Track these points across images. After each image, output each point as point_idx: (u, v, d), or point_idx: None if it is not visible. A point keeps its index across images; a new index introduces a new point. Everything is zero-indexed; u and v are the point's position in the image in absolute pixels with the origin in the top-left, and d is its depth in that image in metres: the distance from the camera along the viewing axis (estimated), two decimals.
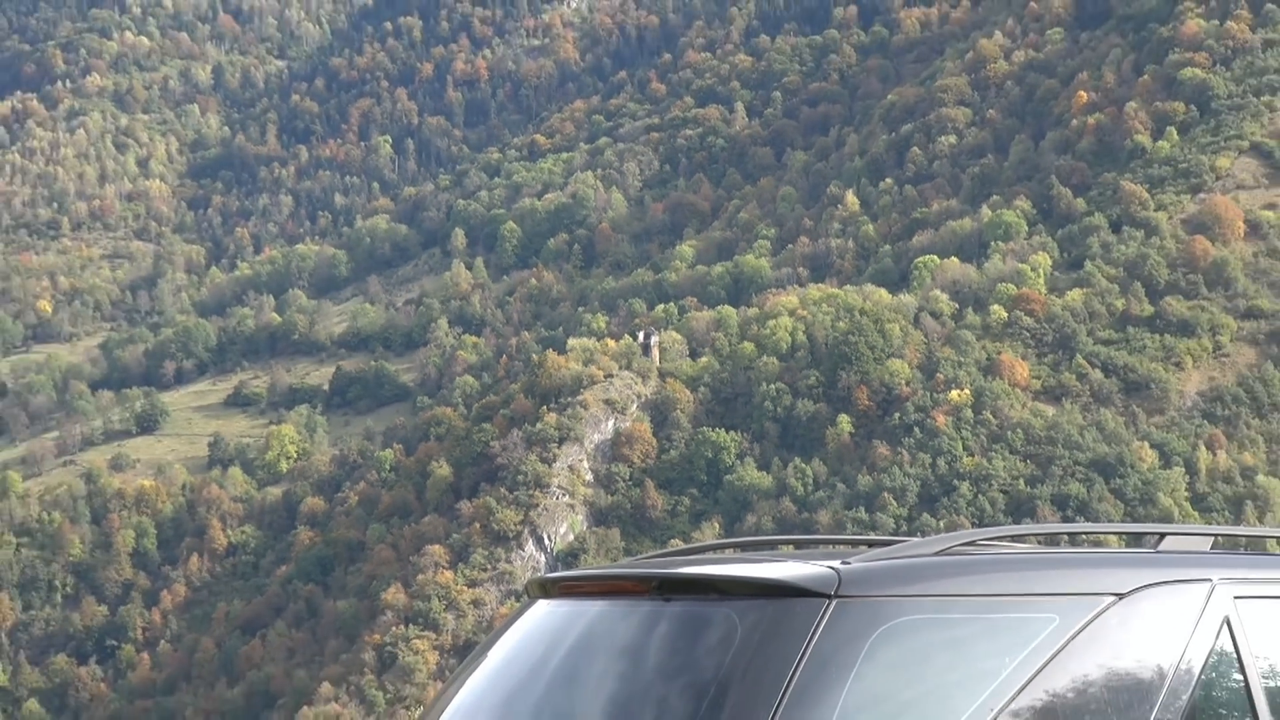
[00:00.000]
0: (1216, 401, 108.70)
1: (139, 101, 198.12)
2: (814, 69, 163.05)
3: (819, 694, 4.42)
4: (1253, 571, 4.97)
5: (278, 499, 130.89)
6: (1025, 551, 5.12)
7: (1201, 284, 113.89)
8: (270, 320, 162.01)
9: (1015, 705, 4.50)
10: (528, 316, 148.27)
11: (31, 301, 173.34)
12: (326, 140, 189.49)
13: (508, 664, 5.11)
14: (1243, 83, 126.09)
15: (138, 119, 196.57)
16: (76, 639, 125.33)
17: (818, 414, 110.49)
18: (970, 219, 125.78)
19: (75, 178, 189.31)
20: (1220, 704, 4.78)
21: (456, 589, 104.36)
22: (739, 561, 5.02)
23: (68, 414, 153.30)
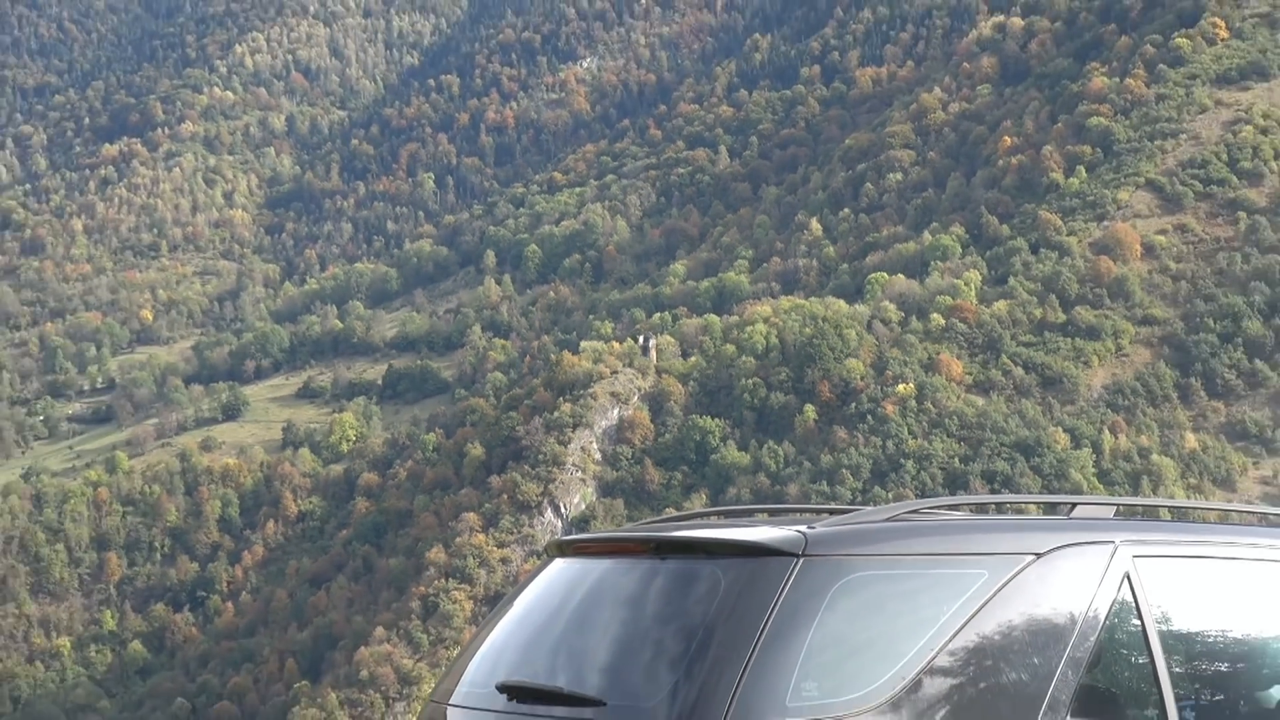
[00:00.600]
0: (1118, 393, 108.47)
1: (225, 145, 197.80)
2: (784, 118, 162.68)
3: (789, 636, 4.43)
4: (1149, 535, 4.98)
5: (339, 475, 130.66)
6: (960, 518, 5.11)
7: (1105, 296, 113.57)
8: (333, 326, 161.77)
9: (952, 646, 4.51)
10: (547, 323, 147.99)
11: (136, 310, 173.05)
12: (380, 177, 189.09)
13: (530, 611, 5.12)
14: (1139, 129, 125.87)
15: (224, 159, 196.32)
16: (172, 590, 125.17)
17: (787, 404, 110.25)
18: (914, 242, 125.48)
19: (172, 208, 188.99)
20: (1122, 644, 4.78)
21: (488, 549, 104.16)
22: (723, 526, 5.02)
23: (166, 404, 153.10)
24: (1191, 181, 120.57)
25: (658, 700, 4.46)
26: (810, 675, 4.42)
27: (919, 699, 4.46)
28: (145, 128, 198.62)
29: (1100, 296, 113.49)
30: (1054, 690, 4.58)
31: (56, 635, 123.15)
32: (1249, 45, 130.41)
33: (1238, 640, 5.04)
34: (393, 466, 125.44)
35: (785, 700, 4.38)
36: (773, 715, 4.36)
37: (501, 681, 4.93)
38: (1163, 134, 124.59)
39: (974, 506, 5.29)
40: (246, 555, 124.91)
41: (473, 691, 5.04)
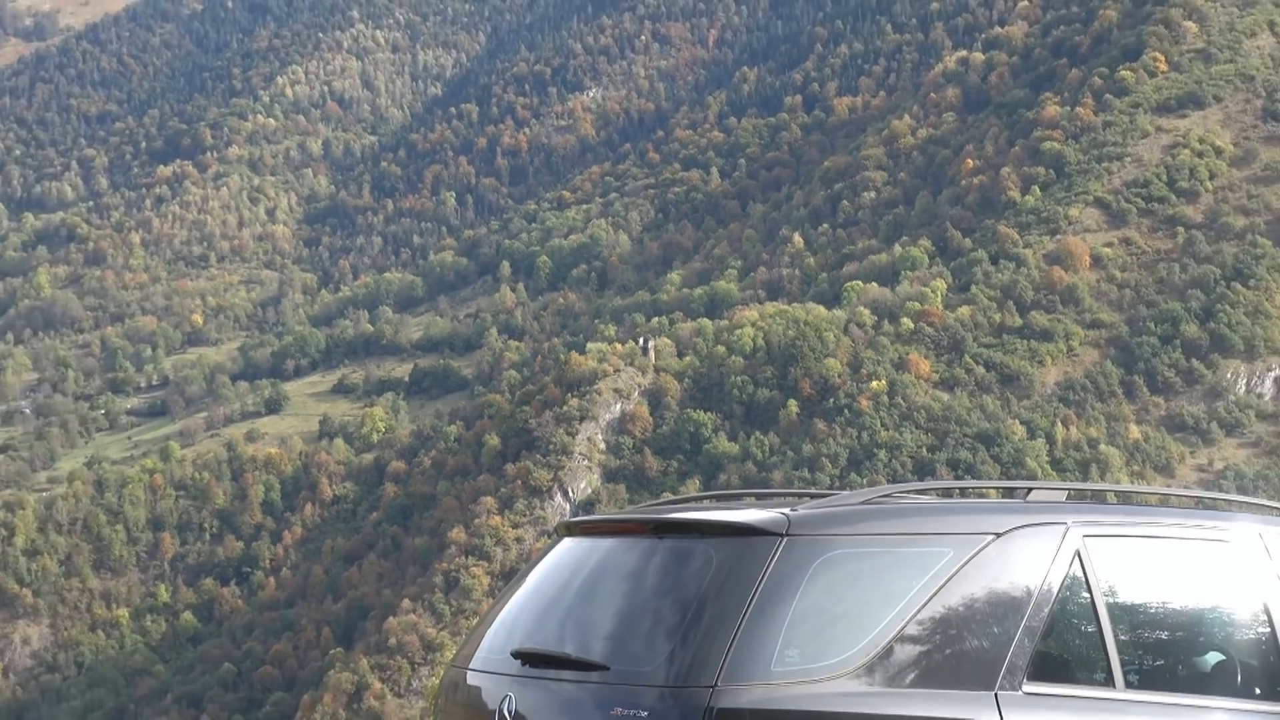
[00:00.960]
0: (1069, 390, 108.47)
1: (267, 166, 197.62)
2: (769, 142, 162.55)
3: (774, 607, 4.45)
4: (1097, 517, 4.99)
5: (370, 463, 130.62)
6: (927, 502, 5.11)
7: (1058, 302, 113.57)
8: (365, 329, 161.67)
9: (920, 616, 4.53)
10: (556, 326, 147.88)
11: (187, 315, 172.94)
12: (407, 195, 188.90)
13: (541, 585, 5.14)
14: (1088, 153, 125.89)
15: (266, 179, 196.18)
16: (220, 567, 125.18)
17: (772, 399, 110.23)
18: (885, 254, 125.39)
19: (220, 223, 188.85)
20: (1073, 615, 4.79)
21: (503, 529, 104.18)
22: (714, 509, 5.02)
23: (214, 399, 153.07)
24: (1135, 199, 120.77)
25: (656, 665, 4.47)
26: (793, 642, 4.44)
27: (890, 664, 4.47)
28: (196, 151, 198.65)
29: (1053, 302, 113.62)
30: (1012, 656, 4.59)
31: (116, 607, 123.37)
32: (1186, 77, 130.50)
33: (1176, 611, 5.07)
34: (418, 455, 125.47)
35: (770, 665, 4.40)
36: (759, 678, 4.38)
37: (516, 648, 4.95)
38: (1109, 157, 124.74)
39: (940, 491, 5.31)
40: (287, 535, 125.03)
41: (490, 657, 5.05)
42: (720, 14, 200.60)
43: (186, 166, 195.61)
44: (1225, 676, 4.96)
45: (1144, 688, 4.77)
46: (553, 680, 4.73)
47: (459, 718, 5.08)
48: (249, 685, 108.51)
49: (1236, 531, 5.13)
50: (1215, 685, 4.92)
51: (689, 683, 4.35)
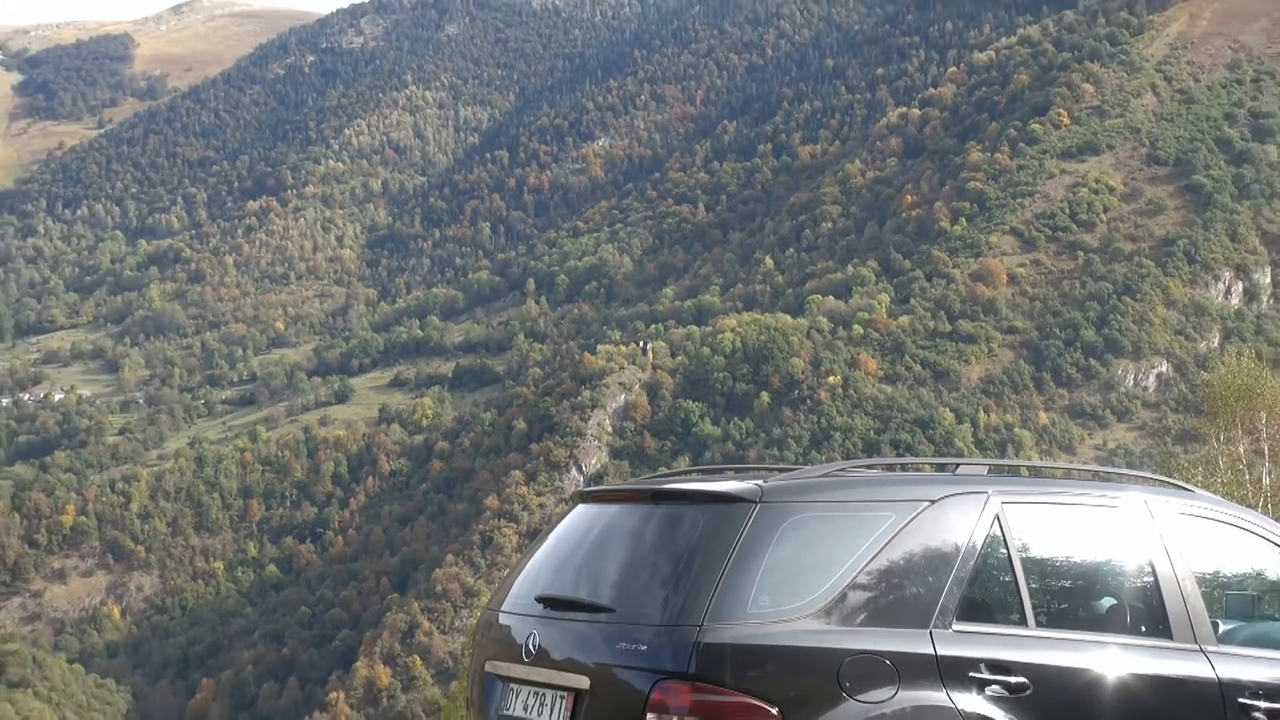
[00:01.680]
0: (989, 383, 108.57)
1: (337, 202, 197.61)
2: (745, 182, 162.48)
3: (749, 561, 4.45)
4: (1013, 486, 5.00)
5: (420, 443, 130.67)
6: (874, 474, 5.12)
7: (980, 312, 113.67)
8: (416, 334, 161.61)
9: (869, 568, 4.54)
10: (571, 332, 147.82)
11: (271, 322, 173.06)
12: (450, 225, 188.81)
13: (559, 543, 5.13)
14: (1005, 191, 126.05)
15: (336, 212, 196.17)
16: (297, 527, 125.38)
17: (748, 391, 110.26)
18: (840, 273, 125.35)
19: (298, 248, 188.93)
20: (993, 567, 4.79)
21: (529, 497, 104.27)
22: (701, 481, 5.03)
23: (293, 391, 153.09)
24: (1043, 229, 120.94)
25: (653, 608, 4.47)
26: (765, 590, 4.44)
27: (844, 607, 4.48)
28: (278, 189, 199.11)
29: (976, 312, 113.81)
30: (943, 600, 4.60)
31: (213, 560, 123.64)
32: (1084, 129, 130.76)
33: (1077, 564, 5.07)
34: (459, 437, 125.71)
35: (747, 608, 4.40)
36: (737, 619, 4.38)
37: (539, 594, 4.96)
38: (1022, 194, 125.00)
39: (885, 466, 5.31)
40: (352, 502, 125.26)
41: (517, 601, 5.05)
42: (705, 78, 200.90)
43: (271, 202, 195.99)
44: (1117, 617, 4.96)
45: (1051, 626, 4.76)
46: (569, 620, 4.73)
47: (492, 651, 5.06)
48: (321, 624, 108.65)
49: (1126, 499, 5.12)
50: (1109, 624, 4.92)
51: (680, 622, 4.35)
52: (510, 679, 4.91)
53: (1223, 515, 5.31)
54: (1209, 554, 5.21)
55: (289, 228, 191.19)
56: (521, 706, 4.82)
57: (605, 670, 4.48)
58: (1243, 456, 24.28)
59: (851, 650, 4.38)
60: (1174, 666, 4.86)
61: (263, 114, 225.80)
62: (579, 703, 4.55)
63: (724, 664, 4.28)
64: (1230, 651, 5.00)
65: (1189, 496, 5.35)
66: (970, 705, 4.44)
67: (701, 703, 4.25)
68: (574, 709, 4.56)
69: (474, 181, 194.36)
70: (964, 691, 4.46)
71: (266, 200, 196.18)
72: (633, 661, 4.40)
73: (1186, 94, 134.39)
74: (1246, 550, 5.34)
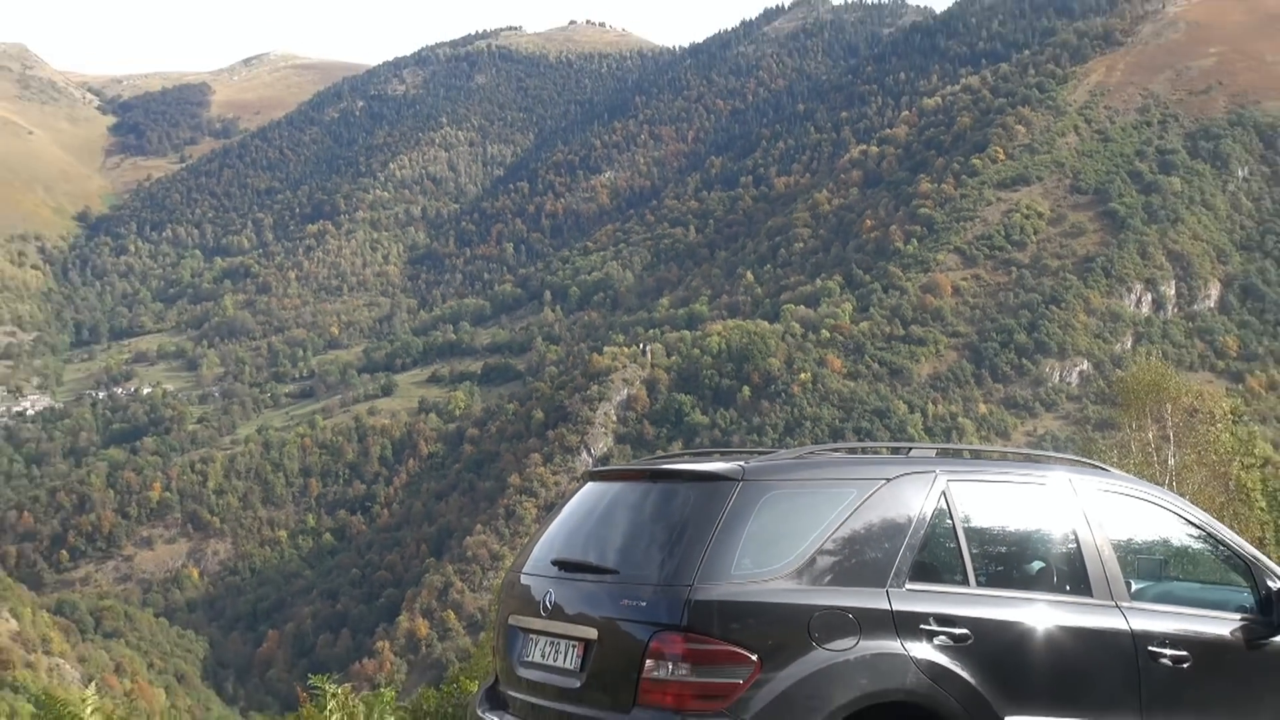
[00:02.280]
0: (937, 379, 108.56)
1: (383, 225, 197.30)
2: (730, 209, 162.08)
3: (733, 530, 4.45)
4: (957, 466, 5.00)
5: (454, 430, 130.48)
6: (839, 457, 5.12)
7: (929, 319, 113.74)
8: (450, 338, 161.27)
9: (834, 536, 4.55)
10: (582, 335, 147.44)
11: (327, 327, 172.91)
12: (479, 245, 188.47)
13: (571, 515, 5.13)
14: (950, 216, 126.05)
15: (382, 234, 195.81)
16: (349, 502, 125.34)
17: (732, 386, 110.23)
18: (810, 286, 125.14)
19: (350, 264, 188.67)
20: (940, 535, 4.79)
21: (546, 476, 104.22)
22: (692, 462, 5.04)
23: (346, 386, 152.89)
24: (982, 248, 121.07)
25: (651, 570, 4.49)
26: (746, 554, 4.45)
27: (814, 569, 4.49)
28: (333, 214, 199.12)
29: (926, 319, 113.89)
30: (898, 563, 4.60)
31: (277, 529, 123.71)
32: (1017, 163, 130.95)
33: (1010, 533, 5.08)
34: (487, 424, 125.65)
35: (731, 570, 4.41)
36: (723, 579, 4.39)
37: (554, 558, 4.97)
38: (964, 218, 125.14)
39: (848, 449, 5.31)
40: (396, 480, 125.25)
41: (536, 565, 5.06)
42: (695, 120, 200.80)
43: (327, 225, 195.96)
44: (1045, 578, 4.96)
45: (989, 586, 4.75)
46: (579, 581, 4.74)
47: (515, 607, 5.07)
48: (369, 584, 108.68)
49: (1052, 478, 5.13)
50: (1038, 584, 4.92)
51: (674, 582, 4.36)
52: (530, 630, 4.91)
53: (1135, 491, 5.32)
54: (1123, 524, 5.20)
55: (342, 247, 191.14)
56: (540, 654, 4.82)
57: (610, 623, 4.49)
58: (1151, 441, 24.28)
59: (819, 606, 4.39)
60: (1093, 620, 4.86)
61: (320, 151, 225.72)
62: (588, 651, 4.56)
63: (711, 618, 4.29)
64: (1141, 607, 5.01)
65: (1106, 475, 5.35)
66: (921, 653, 4.46)
67: (692, 651, 4.27)
68: (584, 656, 4.58)
69: (499, 208, 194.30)
70: (915, 641, 4.47)
71: (323, 224, 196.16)
72: (634, 616, 4.41)
73: (1103, 133, 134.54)
74: (1155, 521, 5.35)
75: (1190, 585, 5.36)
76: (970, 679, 4.49)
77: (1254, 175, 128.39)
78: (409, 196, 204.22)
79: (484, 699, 5.18)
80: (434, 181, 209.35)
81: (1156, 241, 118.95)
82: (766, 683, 4.25)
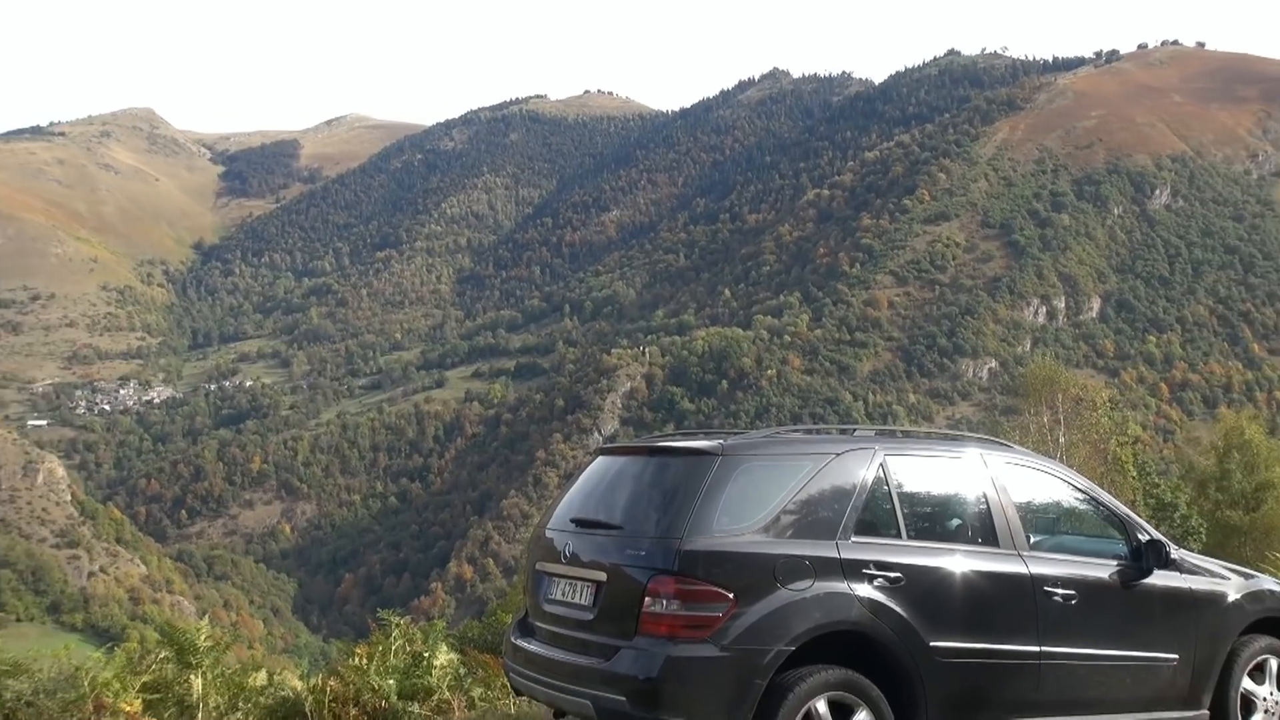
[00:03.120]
0: (876, 375, 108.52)
1: (437, 252, 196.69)
2: (711, 240, 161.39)
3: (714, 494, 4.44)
4: (892, 444, 4.97)
5: (492, 414, 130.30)
6: (798, 436, 5.11)
7: (870, 326, 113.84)
8: (489, 342, 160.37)
9: (794, 499, 4.54)
10: (594, 340, 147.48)
11: (392, 334, 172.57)
12: (513, 268, 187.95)
13: (586, 482, 5.10)
14: (886, 245, 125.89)
15: (436, 259, 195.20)
16: (410, 472, 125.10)
17: (713, 380, 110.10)
18: (775, 300, 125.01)
19: (411, 283, 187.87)
20: (879, 498, 4.77)
21: (566, 451, 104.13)
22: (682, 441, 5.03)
23: (407, 380, 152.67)
24: (911, 271, 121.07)
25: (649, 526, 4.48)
26: (725, 513, 4.44)
27: (778, 525, 4.48)
28: (397, 244, 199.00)
29: (867, 327, 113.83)
30: (845, 521, 4.59)
31: (352, 494, 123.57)
32: (939, 203, 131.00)
33: (934, 496, 5.06)
34: (519, 410, 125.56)
35: (713, 526, 4.40)
36: (706, 534, 4.38)
37: (572, 517, 4.95)
38: (897, 247, 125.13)
39: (805, 431, 5.30)
40: (446, 454, 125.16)
41: (558, 522, 5.04)
42: (684, 169, 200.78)
43: (392, 253, 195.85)
44: (962, 532, 4.93)
45: (917, 538, 4.72)
46: (592, 534, 4.72)
47: (540, 555, 5.04)
48: (425, 537, 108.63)
49: (967, 453, 5.11)
50: (956, 537, 4.89)
51: (667, 536, 4.35)
52: (553, 574, 4.89)
53: (1033, 464, 5.30)
54: (1024, 490, 5.18)
55: (403, 270, 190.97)
56: (560, 593, 4.80)
57: (617, 568, 4.48)
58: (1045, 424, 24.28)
59: (782, 554, 4.37)
60: (1000, 565, 4.85)
61: (386, 193, 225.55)
62: (599, 590, 4.55)
63: (697, 564, 4.27)
64: (1038, 555, 4.98)
65: (1010, 451, 5.33)
66: (863, 592, 4.45)
67: (682, 590, 4.26)
68: (596, 595, 4.56)
69: (528, 239, 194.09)
70: (859, 583, 4.46)
71: (389, 251, 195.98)
72: (636, 562, 4.40)
73: (1007, 180, 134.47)
74: (1049, 487, 5.32)
75: (1077, 538, 5.35)
76: (903, 612, 4.49)
77: (1126, 213, 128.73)
78: (457, 230, 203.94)
79: (517, 628, 5.17)
80: (476, 218, 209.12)
81: (1050, 265, 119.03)
82: (740, 615, 4.25)
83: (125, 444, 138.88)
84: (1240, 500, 24.28)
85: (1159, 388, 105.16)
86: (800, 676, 4.31)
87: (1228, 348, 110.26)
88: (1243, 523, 23.51)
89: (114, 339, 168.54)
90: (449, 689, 6.35)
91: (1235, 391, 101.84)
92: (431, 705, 6.23)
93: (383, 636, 6.65)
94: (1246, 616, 5.29)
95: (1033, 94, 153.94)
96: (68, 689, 5.55)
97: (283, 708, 6.09)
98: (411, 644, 6.57)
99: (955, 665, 4.56)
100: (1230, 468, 24.75)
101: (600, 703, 4.31)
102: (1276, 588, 5.48)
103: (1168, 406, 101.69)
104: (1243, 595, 5.33)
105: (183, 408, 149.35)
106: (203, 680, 6.02)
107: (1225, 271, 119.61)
